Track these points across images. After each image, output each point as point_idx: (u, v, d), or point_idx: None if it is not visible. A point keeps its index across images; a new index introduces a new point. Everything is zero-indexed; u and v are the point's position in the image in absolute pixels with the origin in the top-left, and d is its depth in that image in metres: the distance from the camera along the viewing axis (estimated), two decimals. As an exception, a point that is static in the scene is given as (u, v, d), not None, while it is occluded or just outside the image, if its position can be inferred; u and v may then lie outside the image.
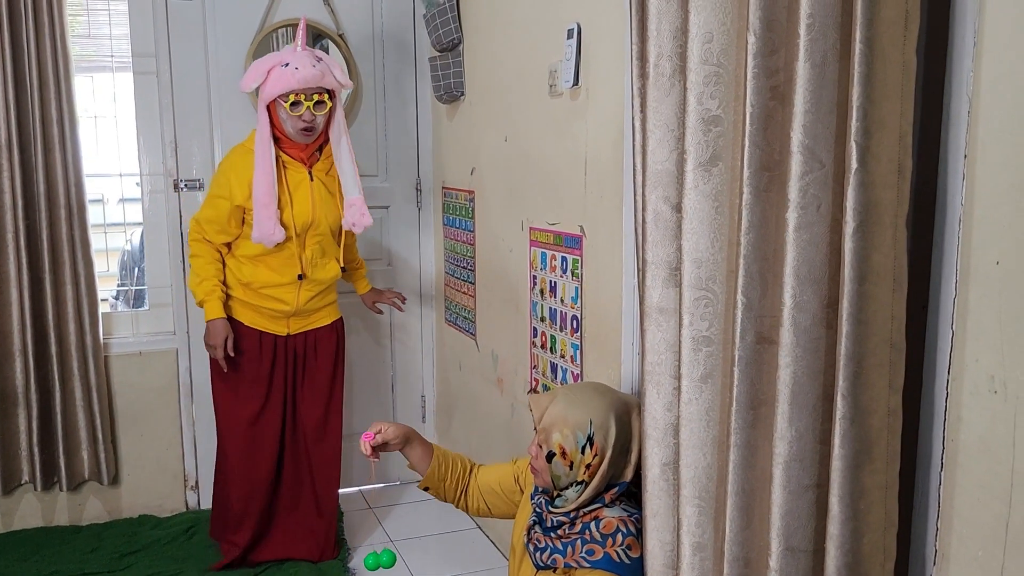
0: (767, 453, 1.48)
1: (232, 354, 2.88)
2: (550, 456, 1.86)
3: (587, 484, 1.85)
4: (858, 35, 1.24)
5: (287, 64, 2.71)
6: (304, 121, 2.74)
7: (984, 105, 1.24)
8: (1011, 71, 1.20)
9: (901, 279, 1.30)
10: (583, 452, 1.84)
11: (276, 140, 2.80)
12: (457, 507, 2.22)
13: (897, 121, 1.26)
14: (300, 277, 2.86)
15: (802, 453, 1.41)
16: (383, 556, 3.05)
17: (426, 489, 2.19)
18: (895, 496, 1.37)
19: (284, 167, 2.82)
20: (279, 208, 2.78)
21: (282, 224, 2.78)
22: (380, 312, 3.35)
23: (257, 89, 2.78)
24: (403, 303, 3.31)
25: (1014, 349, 1.21)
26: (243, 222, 2.84)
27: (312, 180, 2.86)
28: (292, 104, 2.71)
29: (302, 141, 2.81)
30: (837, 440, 1.32)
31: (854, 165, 1.26)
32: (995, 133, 1.23)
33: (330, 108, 2.79)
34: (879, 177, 1.26)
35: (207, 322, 2.87)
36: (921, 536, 1.43)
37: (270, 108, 2.77)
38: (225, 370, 2.91)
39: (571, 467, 1.85)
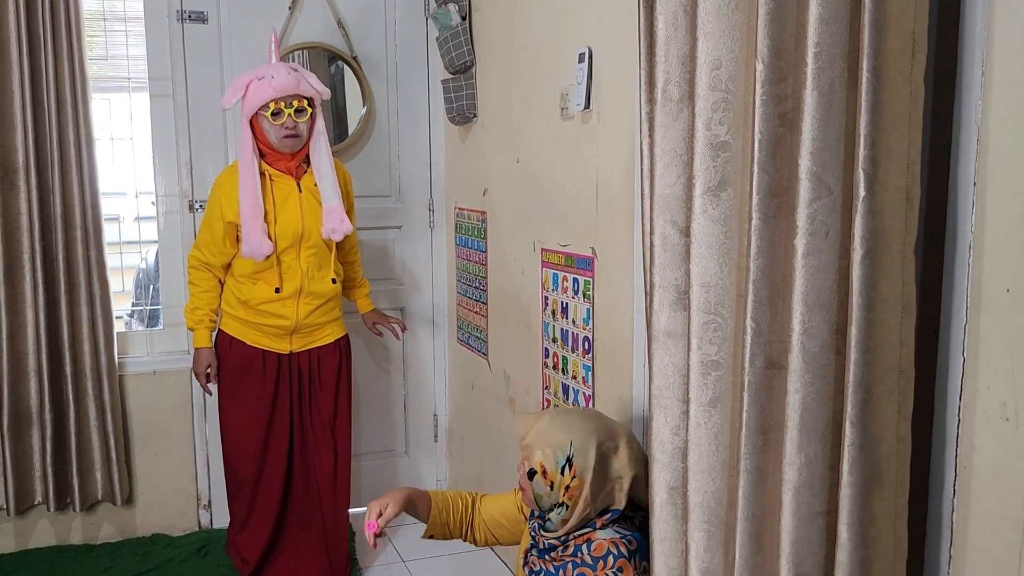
0: (777, 479, 1.48)
1: (214, 382, 3.00)
2: (531, 474, 1.87)
3: (568, 507, 1.85)
4: (865, 64, 1.24)
5: (263, 77, 2.79)
6: (287, 128, 2.80)
7: (993, 134, 1.25)
8: (1018, 101, 1.20)
9: (910, 306, 1.30)
10: (562, 473, 1.85)
11: (262, 155, 2.86)
12: (465, 541, 2.21)
13: (905, 149, 1.27)
14: (277, 290, 2.88)
15: (812, 479, 1.40)
16: None
17: (431, 537, 2.18)
18: (904, 523, 1.36)
19: (271, 181, 2.87)
20: (266, 221, 2.82)
21: (270, 237, 2.81)
22: (380, 335, 3.35)
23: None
24: (403, 331, 3.33)
25: (1024, 377, 1.21)
26: (237, 239, 2.89)
27: (300, 192, 2.89)
28: (273, 113, 2.78)
29: (288, 150, 2.85)
30: (846, 467, 1.32)
31: (862, 193, 1.26)
32: (1004, 162, 1.23)
33: (311, 115, 2.85)
34: (887, 205, 1.27)
35: (195, 349, 2.99)
36: (934, 565, 1.42)
37: (253, 123, 2.84)
38: (210, 395, 2.99)
39: (551, 487, 1.86)
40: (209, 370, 2.99)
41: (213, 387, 3.05)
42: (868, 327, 1.29)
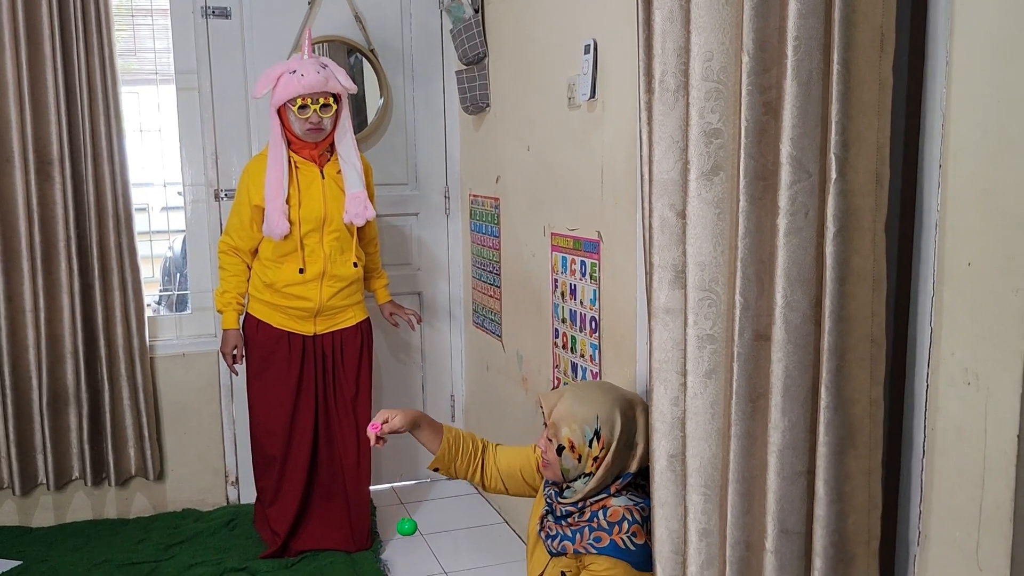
0: (764, 442, 1.59)
1: (240, 362, 3.16)
2: (559, 450, 1.98)
3: (593, 475, 1.97)
4: (836, 57, 1.35)
5: (294, 71, 2.94)
6: (311, 123, 2.97)
7: (956, 119, 1.35)
8: (978, 89, 1.31)
9: (880, 279, 1.41)
10: (590, 445, 1.96)
11: (288, 143, 3.02)
12: (470, 482, 2.33)
13: (874, 135, 1.37)
14: (300, 271, 3.02)
15: (795, 441, 1.52)
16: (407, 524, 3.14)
17: (436, 470, 2.30)
18: (879, 480, 1.48)
19: (296, 167, 3.03)
20: (289, 205, 2.98)
21: (290, 220, 2.97)
22: (396, 325, 3.48)
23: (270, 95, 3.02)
24: (418, 323, 3.48)
25: (984, 343, 1.32)
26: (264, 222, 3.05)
27: (323, 179, 3.05)
28: (300, 108, 2.95)
29: (311, 140, 3.02)
30: (822, 428, 1.43)
31: (834, 175, 1.37)
32: (965, 145, 1.34)
33: (336, 110, 3.01)
34: (857, 186, 1.38)
35: (222, 330, 3.16)
36: (906, 519, 1.53)
37: (280, 112, 3.00)
38: (236, 375, 3.17)
39: (579, 459, 1.97)
40: (236, 351, 3.14)
41: (240, 367, 3.20)
42: (841, 299, 1.40)
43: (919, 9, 1.43)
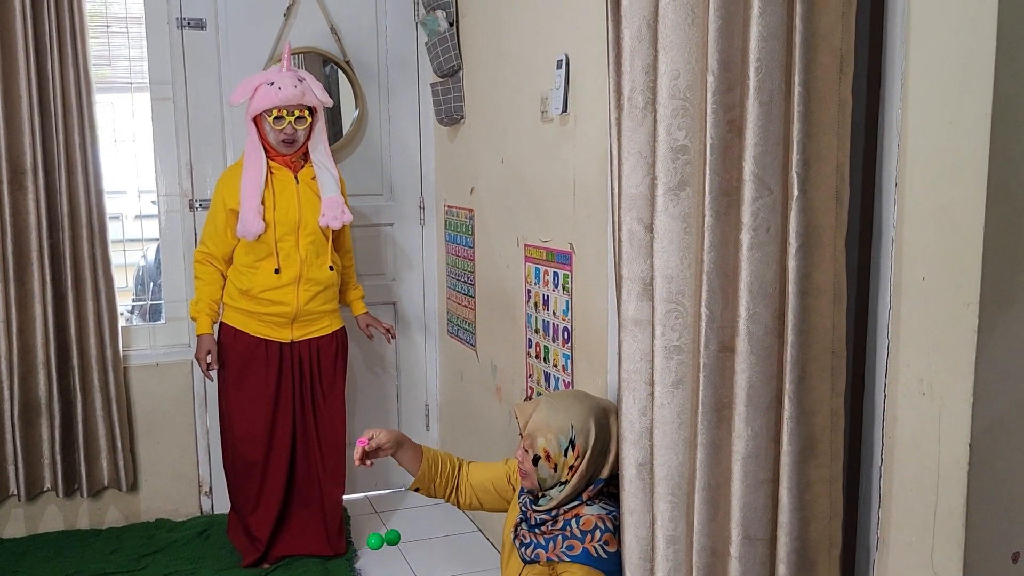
0: (728, 451, 1.63)
1: (215, 368, 3.17)
2: (536, 460, 2.01)
3: (568, 483, 2.00)
4: (797, 78, 1.40)
5: (272, 83, 3.00)
6: (285, 134, 3.03)
7: (911, 140, 1.40)
8: (932, 111, 1.36)
9: (840, 294, 1.46)
10: (566, 455, 1.99)
11: (264, 151, 3.08)
12: (447, 502, 2.36)
13: (834, 154, 1.42)
14: (276, 271, 3.05)
15: (758, 450, 1.56)
16: (388, 535, 3.10)
17: (416, 490, 2.33)
18: (840, 488, 1.52)
19: (272, 173, 3.09)
20: (263, 206, 3.02)
21: (264, 220, 3.01)
22: (371, 337, 3.50)
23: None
24: (393, 338, 3.50)
25: (938, 355, 1.37)
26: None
27: (298, 183, 3.10)
28: (275, 119, 3.02)
29: (283, 152, 3.09)
30: (785, 438, 1.48)
31: (795, 193, 1.42)
32: (920, 164, 1.39)
33: (310, 123, 3.08)
34: (818, 203, 1.42)
35: (197, 336, 3.17)
36: (866, 525, 1.58)
37: (257, 120, 3.06)
38: (211, 380, 3.22)
39: (555, 469, 2.01)
40: (209, 356, 3.16)
41: (214, 373, 3.21)
42: (803, 312, 1.45)
43: (877, 33, 1.48)
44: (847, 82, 1.42)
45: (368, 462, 2.24)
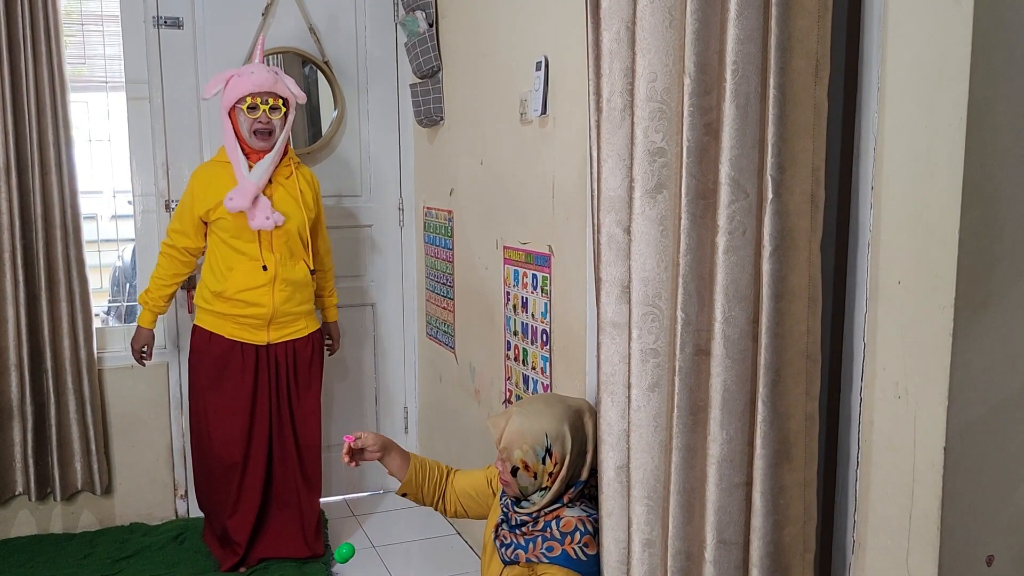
0: (704, 455, 1.63)
1: (145, 362, 3.25)
2: (514, 471, 2.00)
3: (550, 488, 2.00)
4: (772, 81, 1.39)
5: (243, 74, 3.01)
6: (260, 123, 3.00)
7: (887, 143, 1.40)
8: (908, 115, 1.36)
9: (816, 297, 1.46)
10: (544, 463, 1.99)
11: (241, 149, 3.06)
12: (435, 509, 2.36)
13: (809, 157, 1.42)
14: (264, 268, 3.03)
15: (732, 454, 1.55)
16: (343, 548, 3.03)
17: (404, 495, 2.33)
18: (814, 492, 1.52)
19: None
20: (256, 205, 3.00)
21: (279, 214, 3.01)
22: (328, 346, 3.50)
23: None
24: (330, 354, 3.49)
25: (913, 359, 1.37)
26: (204, 236, 3.09)
27: (271, 183, 3.07)
28: (249, 107, 2.99)
29: (257, 146, 3.04)
30: (759, 441, 1.47)
31: (770, 196, 1.41)
32: (896, 168, 1.39)
33: (284, 114, 3.04)
34: (793, 207, 1.42)
35: (136, 326, 3.21)
36: (842, 529, 1.58)
37: (231, 115, 3.03)
38: (143, 366, 3.30)
39: (535, 477, 2.00)
40: (144, 349, 3.20)
41: (148, 362, 3.28)
42: (777, 316, 1.44)
43: (854, 37, 1.48)
44: (823, 85, 1.42)
45: (354, 462, 2.23)
